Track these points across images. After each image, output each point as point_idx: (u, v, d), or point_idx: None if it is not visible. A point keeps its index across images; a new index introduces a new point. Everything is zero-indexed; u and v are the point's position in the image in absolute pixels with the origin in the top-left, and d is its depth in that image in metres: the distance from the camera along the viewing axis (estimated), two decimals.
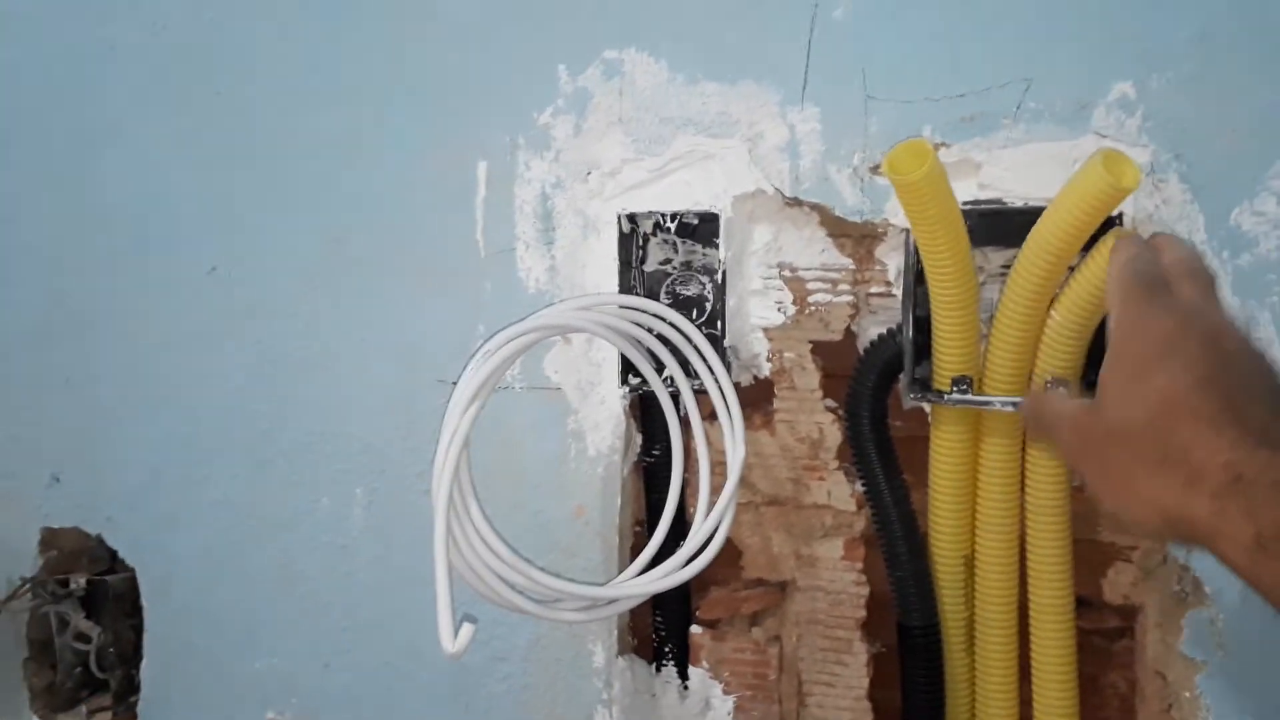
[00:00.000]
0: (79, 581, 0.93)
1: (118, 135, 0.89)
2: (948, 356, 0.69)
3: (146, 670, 0.92)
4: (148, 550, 0.92)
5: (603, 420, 0.80)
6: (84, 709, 0.95)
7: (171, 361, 0.89)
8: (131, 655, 0.94)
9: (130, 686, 0.94)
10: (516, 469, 0.81)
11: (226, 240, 0.87)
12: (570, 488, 0.81)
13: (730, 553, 0.80)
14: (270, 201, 0.86)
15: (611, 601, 0.69)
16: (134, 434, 0.91)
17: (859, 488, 0.76)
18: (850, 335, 0.77)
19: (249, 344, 0.87)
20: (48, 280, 0.92)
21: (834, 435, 0.77)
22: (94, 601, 0.94)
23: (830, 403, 0.77)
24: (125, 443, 0.91)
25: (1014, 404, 0.69)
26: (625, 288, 0.78)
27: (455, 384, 0.70)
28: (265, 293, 0.86)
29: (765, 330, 0.78)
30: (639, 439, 0.81)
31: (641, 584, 0.69)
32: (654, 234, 0.78)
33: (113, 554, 0.94)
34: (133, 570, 0.92)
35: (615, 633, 0.80)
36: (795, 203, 0.75)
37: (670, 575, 0.69)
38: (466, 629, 0.57)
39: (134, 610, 0.94)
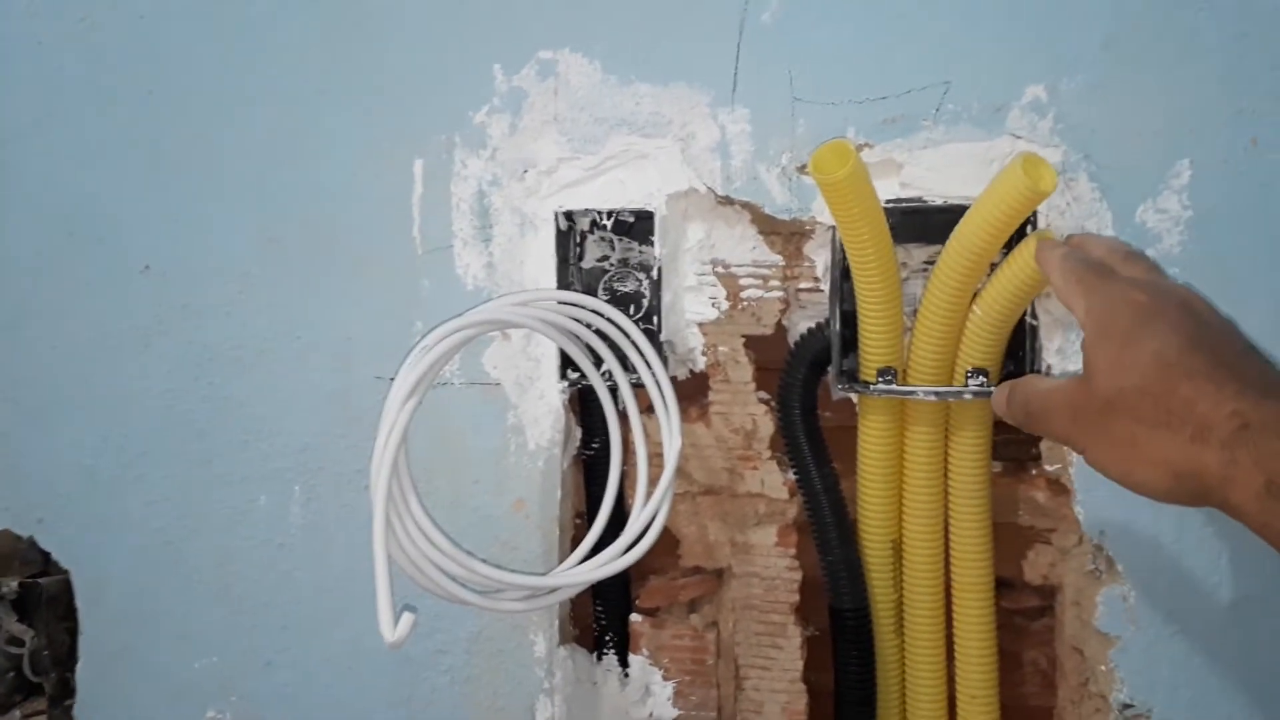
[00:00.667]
0: (10, 585, 0.92)
1: (46, 133, 0.88)
2: (873, 349, 0.72)
3: (82, 673, 0.91)
4: (82, 552, 0.90)
5: (542, 415, 0.81)
6: (18, 714, 0.93)
7: (104, 361, 0.88)
8: (66, 658, 0.93)
9: (65, 690, 0.93)
10: (456, 464, 0.82)
11: (160, 239, 0.86)
12: (510, 482, 0.82)
13: (668, 542, 0.82)
14: (205, 200, 0.85)
15: (552, 590, 0.71)
16: (65, 435, 0.90)
17: (791, 476, 0.79)
18: (781, 329, 0.79)
19: (183, 343, 0.86)
20: None
21: (767, 426, 0.79)
22: (26, 605, 0.92)
23: (763, 395, 0.80)
24: (57, 444, 0.90)
25: (936, 393, 0.72)
26: (563, 284, 0.79)
27: (393, 380, 0.71)
28: (200, 291, 0.86)
29: (700, 325, 0.80)
30: (578, 433, 0.83)
31: (581, 573, 0.70)
32: (591, 231, 0.80)
33: (45, 556, 0.93)
34: (66, 572, 0.91)
35: (556, 623, 0.82)
36: (727, 201, 0.77)
37: (609, 563, 0.71)
38: (406, 618, 0.58)
39: (68, 613, 0.92)
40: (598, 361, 0.76)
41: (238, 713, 0.88)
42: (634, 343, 0.75)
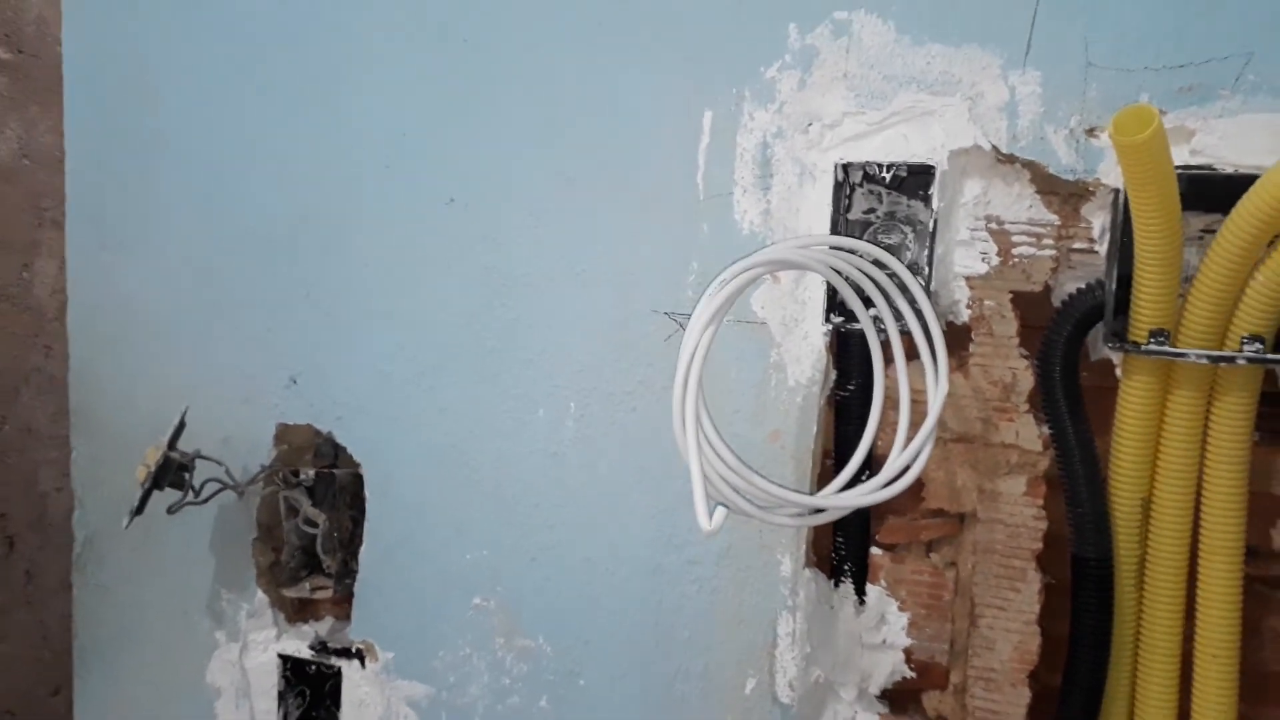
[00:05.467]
0: (308, 473, 1.04)
1: (370, 70, 0.99)
2: (1147, 310, 0.75)
3: (364, 556, 1.03)
4: (373, 448, 1.02)
5: (804, 354, 0.87)
6: (307, 585, 1.06)
7: (407, 280, 0.99)
8: (350, 542, 1.05)
9: (347, 570, 1.05)
10: (720, 395, 0.89)
11: (465, 173, 0.96)
12: (768, 414, 0.88)
13: (912, 485, 0.87)
14: (506, 139, 0.94)
15: (820, 511, 0.77)
16: (367, 344, 1.01)
17: (1046, 430, 0.82)
18: (1047, 289, 0.82)
19: (480, 268, 0.96)
20: (298, 199, 1.03)
21: (1026, 381, 0.83)
22: (319, 492, 1.05)
23: (1024, 351, 0.83)
24: (359, 351, 1.01)
25: (1210, 357, 0.74)
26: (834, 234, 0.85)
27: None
28: (497, 223, 0.95)
29: (968, 279, 0.83)
30: (834, 374, 0.88)
31: (847, 498, 0.76)
32: (860, 185, 0.85)
33: (339, 450, 1.05)
34: (357, 466, 1.03)
35: (803, 546, 0.88)
36: (1008, 160, 0.80)
37: (873, 493, 0.76)
38: (720, 511, 0.65)
39: (355, 502, 1.05)
40: (865, 305, 0.81)
41: (501, 601, 0.98)
42: (908, 289, 0.79)
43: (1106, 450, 0.80)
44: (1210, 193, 0.75)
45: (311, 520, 1.04)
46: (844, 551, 0.90)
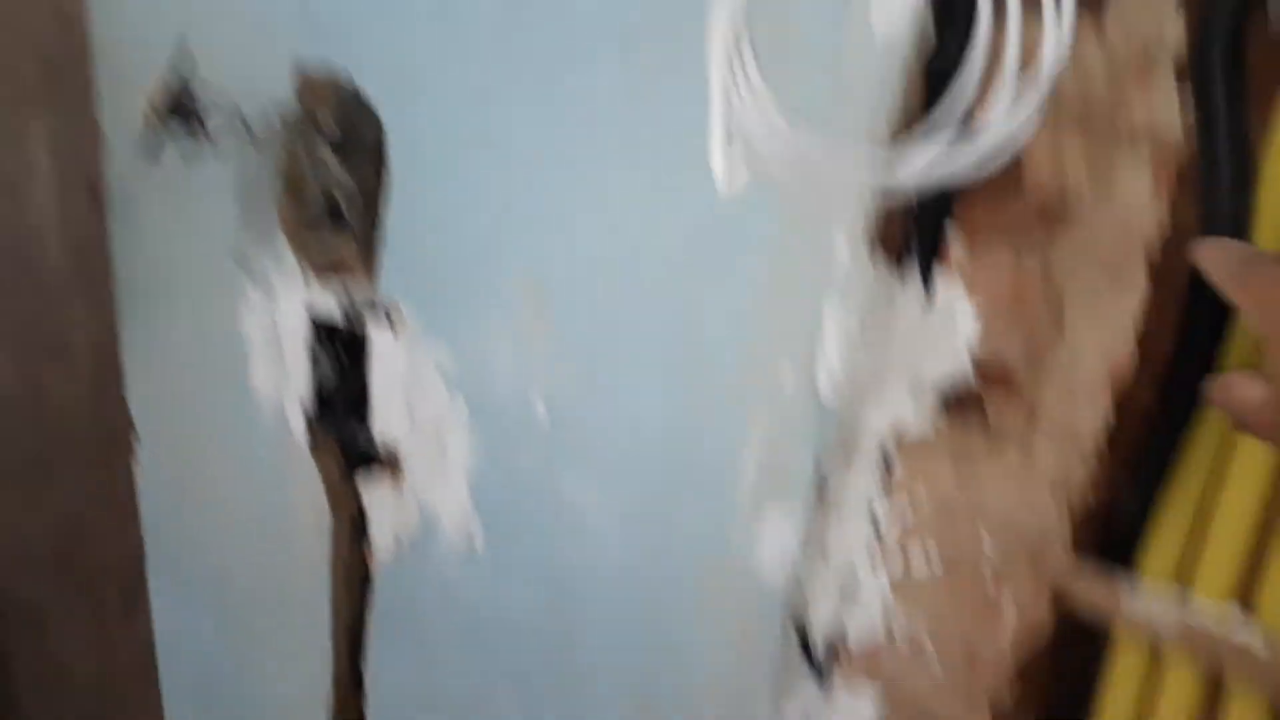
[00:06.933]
0: (331, 127, 0.94)
1: None
2: None
3: (391, 217, 0.95)
4: (397, 103, 0.91)
5: (896, 5, 0.70)
6: (333, 242, 1.00)
7: None
8: (374, 202, 0.97)
9: (373, 229, 0.97)
10: (784, 53, 0.73)
11: None
12: (844, 80, 0.73)
13: (1010, 164, 0.72)
14: None
15: (892, 174, 0.64)
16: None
17: (1190, 110, 0.66)
18: None
19: None
20: None
21: (1176, 40, 0.65)
22: (344, 149, 0.95)
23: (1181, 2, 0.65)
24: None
25: None
26: None
27: None
28: None
29: None
30: (933, 38, 0.71)
31: (928, 157, 0.63)
32: None
33: (361, 106, 0.94)
34: (380, 122, 0.92)
35: (864, 223, 0.76)
36: None
37: (960, 157, 0.63)
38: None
39: (378, 159, 0.95)
40: None
41: (529, 276, 0.90)
42: None
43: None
44: None
45: (335, 176, 0.96)
46: (914, 235, 0.78)
